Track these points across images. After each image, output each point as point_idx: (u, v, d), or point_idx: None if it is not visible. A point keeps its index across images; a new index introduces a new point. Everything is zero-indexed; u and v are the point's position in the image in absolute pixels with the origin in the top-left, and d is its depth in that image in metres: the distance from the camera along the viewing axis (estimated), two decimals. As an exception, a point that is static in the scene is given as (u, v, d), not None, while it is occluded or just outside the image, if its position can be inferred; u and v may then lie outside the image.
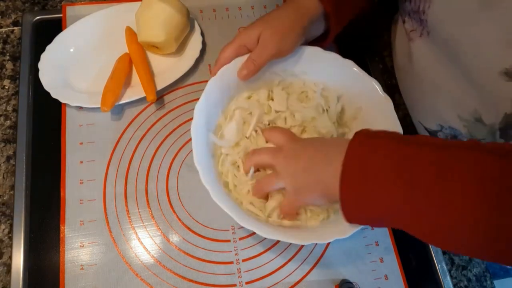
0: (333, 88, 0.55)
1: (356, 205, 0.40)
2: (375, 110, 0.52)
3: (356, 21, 0.55)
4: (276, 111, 0.53)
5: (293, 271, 0.52)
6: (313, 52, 0.54)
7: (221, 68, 0.51)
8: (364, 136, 0.40)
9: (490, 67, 0.41)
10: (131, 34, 0.61)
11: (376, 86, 0.52)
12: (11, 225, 0.51)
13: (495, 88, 0.42)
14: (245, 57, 0.51)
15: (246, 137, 0.52)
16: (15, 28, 0.63)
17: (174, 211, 0.53)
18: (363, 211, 0.40)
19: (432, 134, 0.57)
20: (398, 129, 0.49)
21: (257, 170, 0.50)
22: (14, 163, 0.54)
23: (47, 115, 0.57)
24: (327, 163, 0.42)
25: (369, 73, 0.53)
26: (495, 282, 0.57)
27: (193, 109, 0.47)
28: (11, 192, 0.53)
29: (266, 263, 0.52)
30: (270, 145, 0.51)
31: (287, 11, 0.52)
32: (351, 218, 0.41)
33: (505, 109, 0.43)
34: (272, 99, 0.54)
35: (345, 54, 0.54)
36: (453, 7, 0.42)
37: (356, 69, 0.53)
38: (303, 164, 0.44)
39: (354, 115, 0.55)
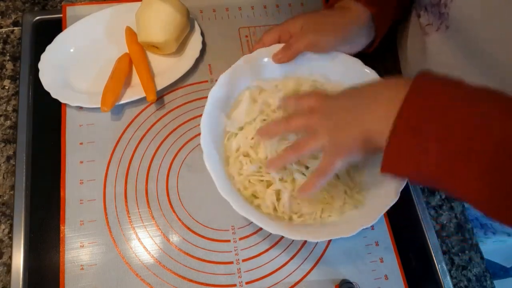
0: None
1: (404, 154, 0.37)
2: None
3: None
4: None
5: (293, 271, 0.52)
6: (350, 61, 0.53)
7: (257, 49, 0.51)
8: (433, 78, 0.37)
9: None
10: (131, 34, 0.61)
11: None
12: (11, 225, 0.51)
13: None
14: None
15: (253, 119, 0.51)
16: (15, 28, 0.63)
17: (174, 211, 0.53)
18: (410, 160, 0.37)
19: None
20: None
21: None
22: (14, 163, 0.54)
23: (47, 115, 0.57)
24: (370, 111, 0.39)
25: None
26: (495, 282, 0.57)
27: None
28: (11, 192, 0.53)
29: (266, 263, 0.52)
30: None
31: (333, 12, 0.53)
32: (391, 164, 0.38)
33: None
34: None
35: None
36: (479, 1, 0.41)
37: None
38: (340, 117, 0.41)
39: None
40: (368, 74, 0.53)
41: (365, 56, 0.64)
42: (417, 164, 0.37)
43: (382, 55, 0.69)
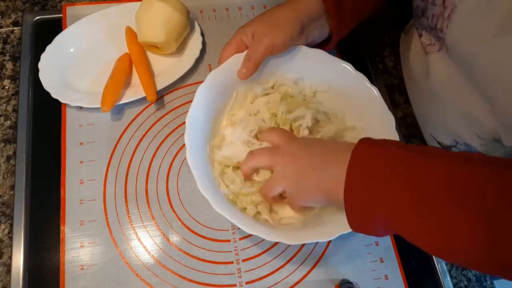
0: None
1: (361, 213, 0.39)
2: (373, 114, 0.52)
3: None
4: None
5: (293, 271, 0.52)
6: (316, 54, 0.53)
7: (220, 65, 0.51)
8: (369, 143, 0.40)
9: (509, 91, 0.39)
10: (131, 34, 0.61)
11: (374, 91, 0.52)
12: (11, 225, 0.51)
13: None
14: (243, 54, 0.51)
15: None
16: (15, 28, 0.63)
17: (174, 211, 0.53)
18: (368, 218, 0.39)
19: (445, 148, 0.56)
20: (395, 136, 0.49)
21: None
22: (14, 163, 0.54)
23: (47, 115, 0.57)
24: (329, 166, 0.41)
25: (369, 73, 0.53)
26: (495, 282, 0.57)
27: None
28: (11, 192, 0.53)
29: (266, 263, 0.52)
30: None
31: (284, 8, 0.51)
32: (356, 225, 0.41)
33: None
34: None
35: (345, 54, 0.54)
36: (472, 29, 0.41)
37: (350, 68, 0.53)
38: (302, 165, 0.44)
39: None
40: (331, 60, 0.53)
41: (365, 56, 0.64)
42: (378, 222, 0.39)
43: (382, 59, 0.69)
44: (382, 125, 0.50)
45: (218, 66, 0.51)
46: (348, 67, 0.53)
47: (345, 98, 0.54)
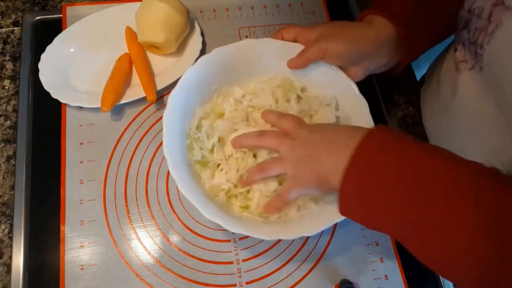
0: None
1: (355, 199, 0.39)
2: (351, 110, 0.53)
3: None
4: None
5: (293, 271, 0.52)
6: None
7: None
8: (381, 133, 0.39)
9: None
10: (131, 34, 0.61)
11: (353, 86, 0.52)
12: (11, 225, 0.51)
13: None
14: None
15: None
16: (15, 28, 0.63)
17: (174, 211, 0.53)
18: (361, 205, 0.39)
19: None
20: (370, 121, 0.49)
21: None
22: (14, 163, 0.54)
23: (47, 115, 0.57)
24: (332, 153, 0.41)
25: (370, 75, 0.53)
26: (495, 282, 0.57)
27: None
28: (11, 192, 0.53)
29: (266, 263, 0.52)
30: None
31: (357, 23, 0.52)
32: (346, 210, 0.40)
33: None
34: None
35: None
36: None
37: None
38: (308, 151, 0.43)
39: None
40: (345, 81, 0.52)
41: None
42: (368, 211, 0.39)
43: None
44: (357, 111, 0.51)
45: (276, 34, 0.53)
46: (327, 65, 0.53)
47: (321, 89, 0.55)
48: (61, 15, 0.63)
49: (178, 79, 0.59)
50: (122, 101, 0.57)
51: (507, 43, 0.40)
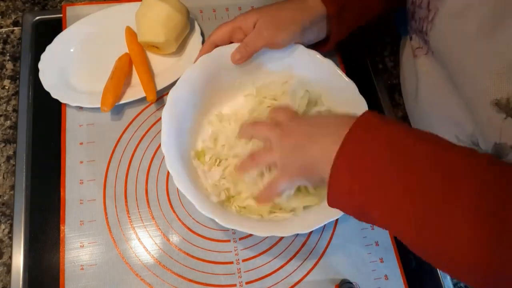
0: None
1: (344, 188, 0.38)
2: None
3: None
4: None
5: (293, 271, 0.52)
6: (309, 55, 0.54)
7: (202, 56, 0.52)
8: (371, 117, 0.39)
9: (483, 95, 0.40)
10: (131, 34, 0.61)
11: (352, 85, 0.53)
12: (11, 225, 0.51)
13: (487, 117, 0.41)
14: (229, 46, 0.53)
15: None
16: (15, 28, 0.63)
17: (174, 211, 0.53)
18: (350, 195, 0.38)
19: None
20: None
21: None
22: (14, 163, 0.54)
23: (47, 115, 0.57)
24: (319, 143, 0.40)
25: (369, 73, 0.53)
26: (495, 282, 0.57)
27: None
28: (11, 192, 0.53)
29: (266, 263, 0.52)
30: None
31: (290, 6, 0.52)
32: (335, 200, 0.39)
33: (495, 138, 0.42)
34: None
35: (345, 54, 0.54)
36: (452, 32, 0.42)
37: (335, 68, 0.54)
38: (296, 140, 0.43)
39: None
40: (323, 63, 0.54)
41: (365, 56, 0.64)
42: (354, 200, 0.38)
43: (382, 59, 0.69)
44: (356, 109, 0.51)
45: (206, 43, 0.53)
46: (317, 55, 0.54)
47: (321, 88, 0.56)
48: (61, 15, 0.63)
49: (178, 79, 0.59)
50: (122, 101, 0.57)
51: (445, 28, 0.42)
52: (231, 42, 0.54)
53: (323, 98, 0.56)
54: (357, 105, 0.52)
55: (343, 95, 0.53)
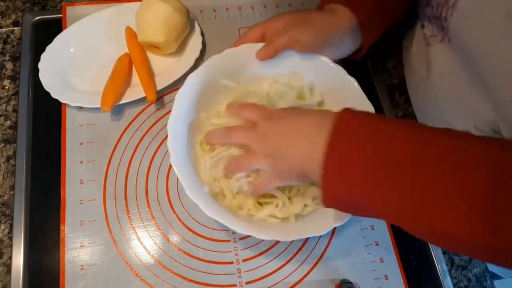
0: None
1: (338, 186, 0.38)
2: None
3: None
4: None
5: (293, 271, 0.52)
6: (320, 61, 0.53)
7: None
8: (351, 114, 0.39)
9: (510, 82, 0.39)
10: (131, 34, 0.61)
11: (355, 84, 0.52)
12: (11, 225, 0.51)
13: None
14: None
15: None
16: (15, 28, 0.63)
17: (174, 211, 0.53)
18: (346, 191, 0.38)
19: None
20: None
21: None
22: (14, 163, 0.54)
23: (47, 115, 0.57)
24: (303, 146, 0.40)
25: (369, 73, 0.53)
26: (495, 282, 0.57)
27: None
28: (11, 192, 0.53)
29: (266, 263, 0.52)
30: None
31: (319, 14, 0.52)
32: (331, 199, 0.39)
33: None
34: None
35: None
36: (477, 17, 0.41)
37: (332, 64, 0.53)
38: (276, 144, 0.43)
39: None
40: (350, 82, 0.52)
41: (365, 56, 0.64)
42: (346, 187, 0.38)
43: (382, 59, 0.69)
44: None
45: (239, 42, 0.53)
46: (325, 59, 0.52)
47: (327, 91, 0.55)
48: (61, 15, 0.63)
49: (178, 79, 0.60)
50: (122, 101, 0.57)
51: (469, 13, 0.42)
52: None
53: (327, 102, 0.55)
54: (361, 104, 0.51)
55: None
